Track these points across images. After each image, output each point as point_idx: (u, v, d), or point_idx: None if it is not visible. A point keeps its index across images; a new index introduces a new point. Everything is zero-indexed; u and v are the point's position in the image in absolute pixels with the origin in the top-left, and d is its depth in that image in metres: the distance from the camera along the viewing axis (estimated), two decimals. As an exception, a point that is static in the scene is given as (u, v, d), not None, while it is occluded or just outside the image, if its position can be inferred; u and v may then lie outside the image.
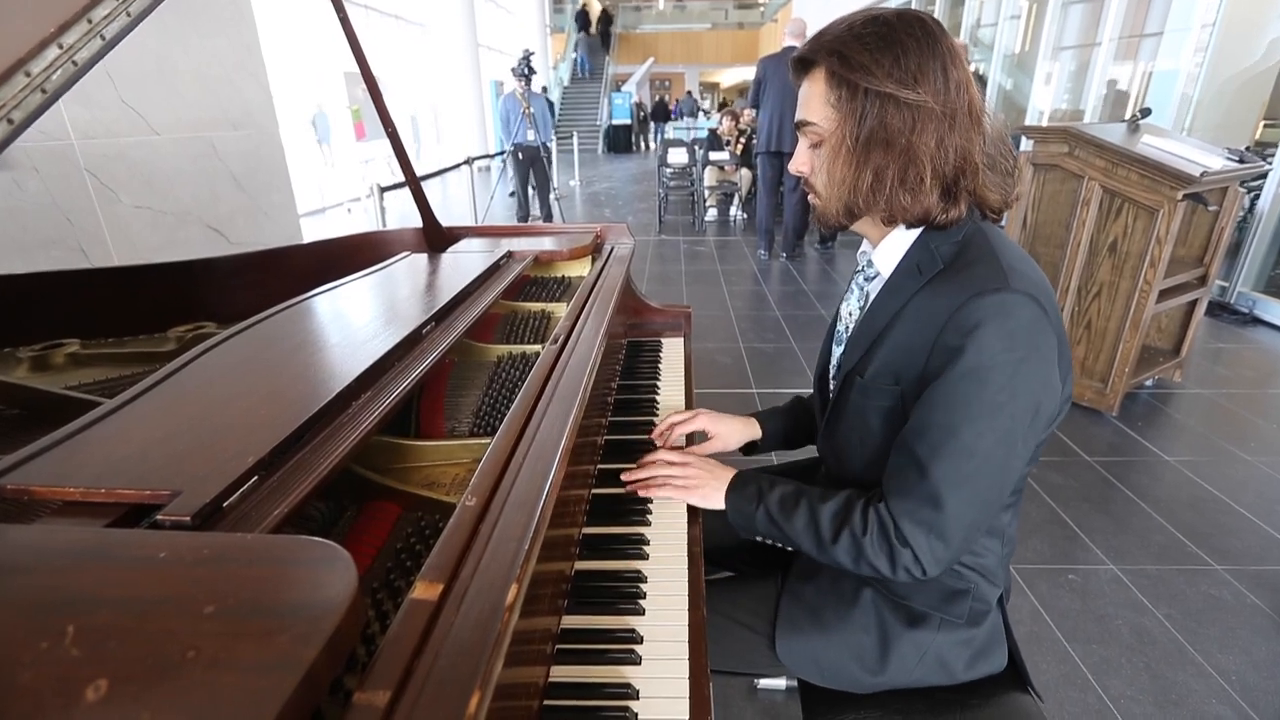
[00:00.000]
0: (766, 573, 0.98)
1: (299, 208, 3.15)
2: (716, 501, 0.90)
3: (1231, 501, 2.11)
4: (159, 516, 0.49)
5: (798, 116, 0.79)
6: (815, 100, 0.76)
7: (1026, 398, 0.70)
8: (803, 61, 0.77)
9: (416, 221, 1.58)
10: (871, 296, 0.85)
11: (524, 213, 6.71)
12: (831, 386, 0.92)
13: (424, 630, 0.42)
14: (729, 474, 0.92)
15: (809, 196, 0.84)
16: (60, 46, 0.56)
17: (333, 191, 8.10)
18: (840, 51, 0.73)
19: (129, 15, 0.62)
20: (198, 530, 0.49)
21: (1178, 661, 1.53)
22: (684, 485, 0.91)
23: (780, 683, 1.48)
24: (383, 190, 3.53)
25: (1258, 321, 3.68)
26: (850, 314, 0.90)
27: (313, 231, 3.34)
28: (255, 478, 0.56)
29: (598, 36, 19.25)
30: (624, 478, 0.96)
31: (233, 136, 2.62)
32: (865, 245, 0.87)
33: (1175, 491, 2.17)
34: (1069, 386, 0.77)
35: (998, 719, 0.85)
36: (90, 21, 0.58)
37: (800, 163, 0.82)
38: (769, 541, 0.88)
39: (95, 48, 0.60)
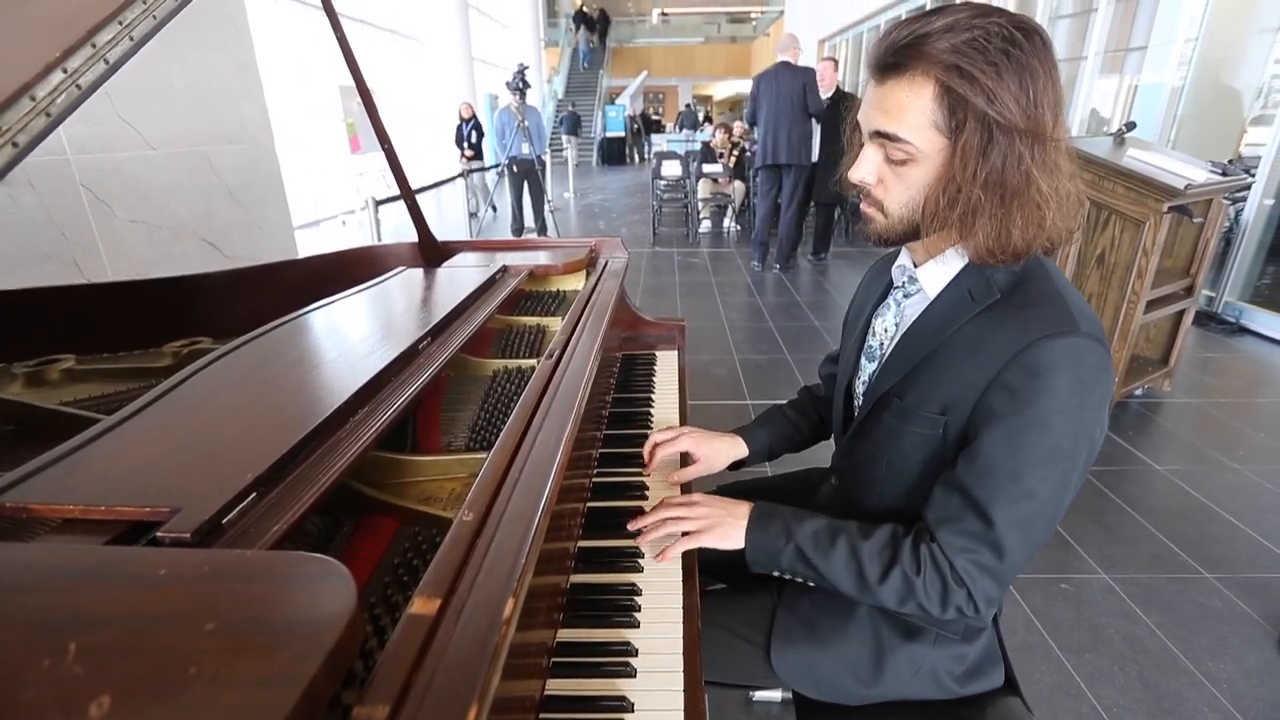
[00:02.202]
0: (761, 584, 0.98)
1: (292, 220, 3.16)
2: (736, 540, 0.83)
3: (1221, 510, 2.13)
4: (159, 534, 0.50)
5: (874, 125, 0.70)
6: (912, 114, 0.66)
7: (1087, 441, 0.69)
8: (895, 64, 0.67)
9: (411, 234, 1.60)
10: (910, 315, 0.82)
11: (518, 225, 6.74)
12: (858, 402, 0.90)
13: (422, 645, 0.43)
14: (745, 509, 0.86)
15: (864, 207, 0.76)
16: (65, 71, 0.57)
17: (327, 204, 8.12)
18: (961, 66, 0.63)
19: (132, 40, 0.63)
20: (197, 547, 0.50)
21: (1170, 670, 1.54)
22: (697, 529, 0.84)
23: (776, 695, 1.48)
24: (378, 203, 3.54)
25: (1244, 331, 3.73)
26: (886, 330, 0.86)
27: (306, 244, 3.35)
28: (254, 494, 0.57)
29: (596, 36, 19.62)
30: (631, 527, 0.88)
31: (228, 151, 2.63)
32: (904, 259, 0.83)
33: (1166, 500, 2.19)
34: (1106, 421, 0.75)
35: (992, 730, 0.85)
36: (94, 46, 0.59)
37: (867, 172, 0.73)
38: (789, 576, 0.84)
39: (99, 71, 0.61)
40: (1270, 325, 3.63)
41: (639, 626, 0.73)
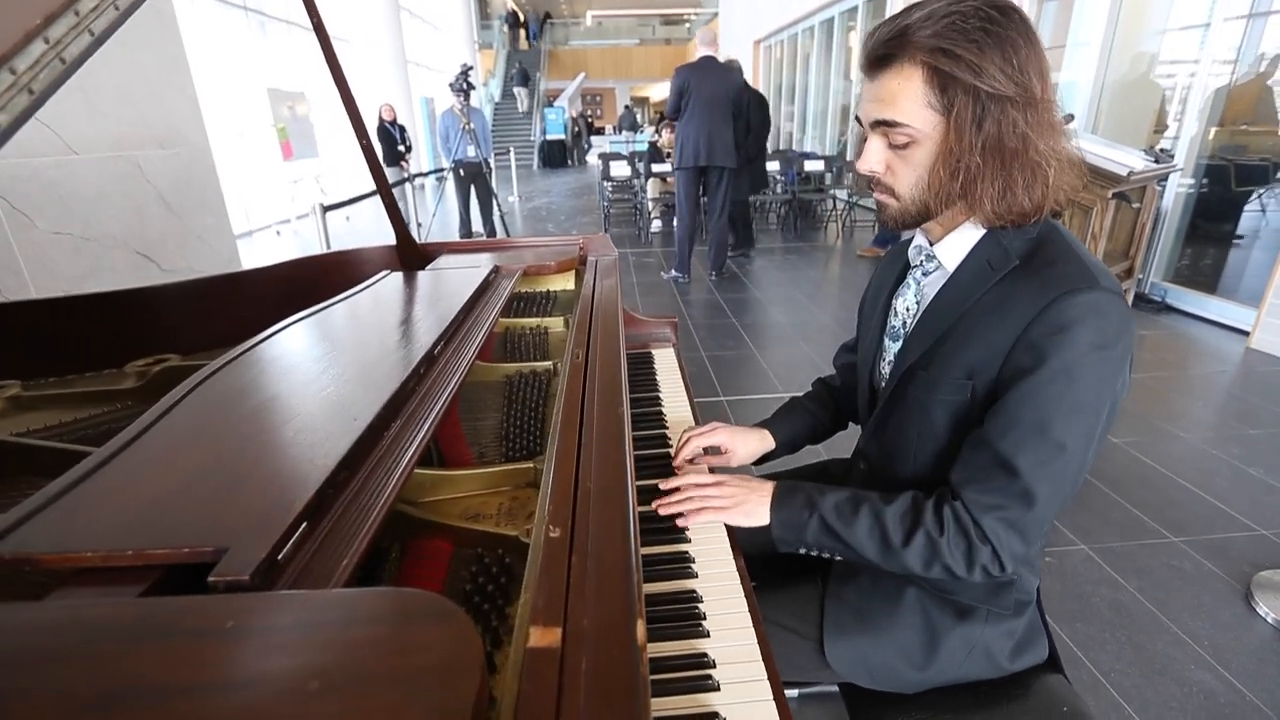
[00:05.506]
0: (804, 577, 0.96)
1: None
2: (761, 516, 0.84)
3: (1176, 476, 2.26)
4: (210, 578, 0.42)
5: (874, 116, 0.74)
6: (906, 99, 0.71)
7: (1109, 394, 0.70)
8: (883, 56, 0.72)
9: (352, 242, 1.50)
10: (929, 291, 0.84)
11: (466, 230, 6.55)
12: (882, 384, 0.90)
13: (558, 681, 0.37)
14: (768, 486, 0.86)
15: (877, 195, 0.80)
16: (47, 41, 0.48)
17: (259, 214, 7.68)
18: (944, 48, 0.67)
19: (117, 9, 0.54)
20: (259, 591, 0.43)
21: (1154, 631, 1.61)
22: (723, 505, 0.85)
23: (793, 691, 1.46)
24: (325, 210, 3.36)
25: (1170, 309, 4.00)
26: (907, 309, 0.88)
27: (242, 257, 3.12)
28: (304, 525, 0.49)
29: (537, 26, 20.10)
30: (656, 504, 0.87)
31: (160, 155, 2.43)
32: (920, 240, 0.85)
33: (1126, 471, 2.30)
34: (1130, 377, 0.77)
35: (1043, 706, 0.85)
36: (77, 14, 0.50)
37: (874, 162, 0.76)
38: (814, 553, 0.84)
39: (84, 44, 0.51)
40: (1191, 302, 3.91)
41: (709, 636, 0.69)
